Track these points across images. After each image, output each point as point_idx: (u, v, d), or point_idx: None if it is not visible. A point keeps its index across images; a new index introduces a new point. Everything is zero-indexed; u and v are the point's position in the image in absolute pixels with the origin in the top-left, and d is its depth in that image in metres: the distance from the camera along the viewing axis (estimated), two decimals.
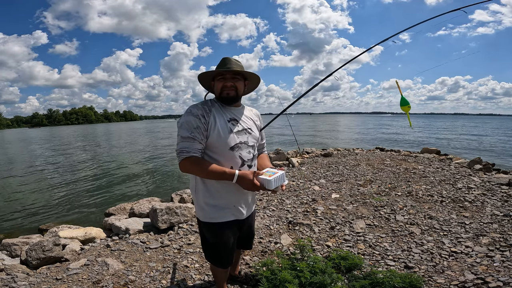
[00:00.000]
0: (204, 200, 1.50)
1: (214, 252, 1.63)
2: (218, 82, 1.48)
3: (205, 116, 1.42)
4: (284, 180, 1.41)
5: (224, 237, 1.56)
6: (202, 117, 1.41)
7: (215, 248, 1.61)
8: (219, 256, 1.63)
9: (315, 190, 4.26)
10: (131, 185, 7.45)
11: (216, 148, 1.45)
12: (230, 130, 1.47)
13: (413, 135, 23.28)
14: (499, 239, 2.56)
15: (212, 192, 1.49)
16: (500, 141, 17.79)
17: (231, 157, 1.47)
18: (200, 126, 1.40)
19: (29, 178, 8.90)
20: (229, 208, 1.52)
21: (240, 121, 1.54)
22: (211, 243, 1.60)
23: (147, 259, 2.45)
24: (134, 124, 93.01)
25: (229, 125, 1.48)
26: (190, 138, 1.39)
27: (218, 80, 1.48)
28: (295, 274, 1.86)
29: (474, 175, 4.82)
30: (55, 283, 2.11)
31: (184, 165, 1.41)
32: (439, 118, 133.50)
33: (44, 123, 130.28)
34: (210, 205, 1.50)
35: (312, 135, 23.94)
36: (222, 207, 1.50)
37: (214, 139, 1.43)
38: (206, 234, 1.60)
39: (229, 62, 1.48)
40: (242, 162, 1.50)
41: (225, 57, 1.50)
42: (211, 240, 1.60)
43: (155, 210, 3.19)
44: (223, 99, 1.50)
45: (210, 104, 1.49)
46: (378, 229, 2.93)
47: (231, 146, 1.46)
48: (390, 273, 1.92)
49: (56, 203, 5.91)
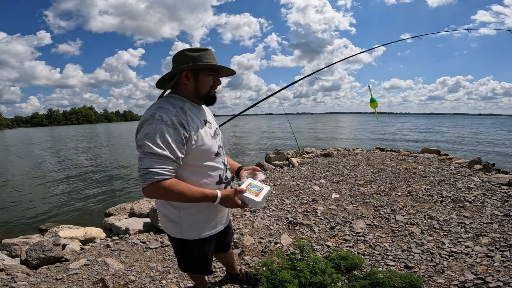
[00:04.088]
0: (192, 217, 1.30)
1: (202, 264, 1.49)
2: (208, 77, 1.24)
3: (184, 125, 1.13)
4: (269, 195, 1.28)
5: (210, 248, 1.48)
6: (180, 126, 1.12)
7: (204, 260, 1.48)
8: (208, 265, 1.52)
9: (315, 190, 4.26)
10: (131, 185, 7.45)
11: (201, 159, 1.23)
12: (210, 135, 1.27)
13: (413, 135, 23.28)
14: (499, 239, 2.56)
15: (200, 207, 1.29)
16: (500, 141, 17.79)
17: (217, 165, 1.30)
18: (177, 140, 1.11)
19: (29, 178, 8.90)
20: (218, 218, 1.39)
21: (211, 122, 1.35)
22: (199, 257, 1.46)
23: (147, 259, 2.45)
24: (134, 124, 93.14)
25: (207, 129, 1.26)
26: (161, 156, 1.08)
27: (209, 75, 1.24)
28: (295, 274, 1.86)
29: (474, 175, 4.82)
30: (55, 283, 2.11)
31: (151, 191, 1.10)
32: (439, 118, 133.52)
33: (44, 123, 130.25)
34: (199, 221, 1.32)
35: (312, 135, 23.93)
36: (212, 219, 1.36)
37: (198, 150, 1.19)
38: (193, 251, 1.43)
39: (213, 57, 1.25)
40: (225, 167, 1.37)
41: (209, 48, 1.25)
42: (198, 255, 1.45)
43: (155, 210, 3.19)
44: (209, 99, 1.29)
45: (181, 105, 1.20)
46: (378, 229, 2.93)
47: (216, 152, 1.28)
48: (390, 273, 1.92)
49: (56, 203, 5.91)
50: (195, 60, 1.19)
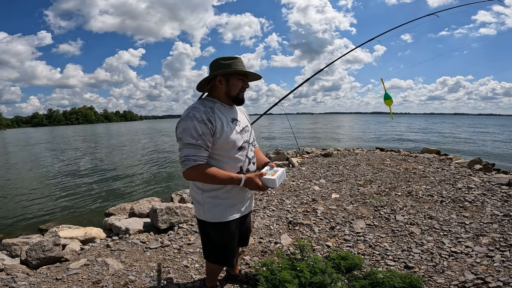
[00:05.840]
0: (212, 200, 1.48)
1: (221, 252, 1.60)
2: (238, 82, 1.46)
3: (211, 121, 1.37)
4: (285, 176, 1.46)
5: (232, 235, 1.57)
6: (208, 121, 1.36)
7: (223, 248, 1.58)
8: (227, 255, 1.61)
9: (315, 190, 4.26)
10: (131, 185, 7.44)
11: (225, 150, 1.43)
12: (236, 131, 1.47)
13: (413, 135, 23.27)
14: (499, 239, 2.56)
15: (220, 191, 1.47)
16: (500, 141, 17.79)
17: (240, 158, 1.48)
18: (206, 132, 1.35)
19: (29, 178, 8.90)
20: (236, 205, 1.53)
21: (240, 120, 1.54)
22: (219, 243, 1.58)
23: (147, 259, 2.45)
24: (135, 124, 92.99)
25: (233, 125, 1.47)
26: (196, 145, 1.35)
27: (238, 79, 1.46)
28: (295, 274, 1.86)
29: (474, 175, 4.82)
30: (55, 283, 2.11)
31: (190, 174, 1.38)
32: (439, 118, 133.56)
33: (44, 123, 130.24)
34: (219, 205, 1.49)
35: (312, 135, 23.93)
36: (230, 205, 1.50)
37: (222, 142, 1.40)
38: (213, 235, 1.56)
39: (243, 64, 1.47)
40: (248, 160, 1.53)
41: (238, 57, 1.47)
42: (218, 241, 1.57)
43: (155, 210, 3.19)
44: (237, 100, 1.50)
45: (211, 105, 1.44)
46: (378, 229, 2.93)
47: (239, 146, 1.47)
48: (390, 273, 1.92)
49: (56, 203, 5.91)
50: (227, 67, 1.42)
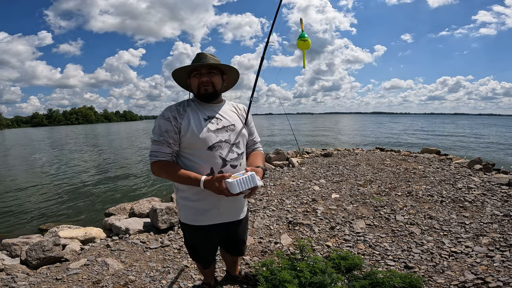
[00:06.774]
0: (184, 201, 1.47)
1: (194, 252, 1.67)
2: (194, 79, 1.42)
3: (177, 118, 1.36)
4: (255, 183, 1.21)
5: (203, 239, 1.56)
6: (173, 119, 1.36)
7: (195, 248, 1.64)
8: (199, 256, 1.68)
9: (315, 190, 4.26)
10: (131, 185, 7.44)
11: (193, 149, 1.38)
12: (208, 129, 1.39)
13: (413, 135, 23.27)
14: (499, 239, 2.56)
15: (190, 192, 1.43)
16: (500, 141, 17.79)
17: (211, 158, 1.38)
18: (169, 130, 1.35)
19: (29, 178, 8.90)
20: (210, 211, 1.44)
21: (221, 118, 1.46)
22: (191, 244, 1.63)
23: (147, 259, 2.45)
24: (135, 124, 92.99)
25: (205, 123, 1.40)
26: (159, 142, 1.36)
27: (194, 76, 1.42)
28: (295, 274, 1.86)
29: (474, 175, 4.82)
30: (55, 283, 2.11)
31: (152, 169, 1.38)
32: (439, 118, 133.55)
33: (44, 123, 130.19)
34: (191, 207, 1.45)
35: (312, 135, 23.94)
36: (203, 209, 1.43)
37: (189, 139, 1.36)
38: (185, 234, 1.62)
39: (204, 57, 1.40)
40: (224, 162, 1.40)
41: (200, 52, 1.44)
42: (190, 241, 1.62)
43: (155, 210, 3.19)
44: (201, 96, 1.43)
45: (186, 104, 1.44)
46: (378, 229, 2.93)
47: (209, 145, 1.38)
48: (390, 273, 1.92)
49: (56, 203, 5.90)
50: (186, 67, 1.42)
